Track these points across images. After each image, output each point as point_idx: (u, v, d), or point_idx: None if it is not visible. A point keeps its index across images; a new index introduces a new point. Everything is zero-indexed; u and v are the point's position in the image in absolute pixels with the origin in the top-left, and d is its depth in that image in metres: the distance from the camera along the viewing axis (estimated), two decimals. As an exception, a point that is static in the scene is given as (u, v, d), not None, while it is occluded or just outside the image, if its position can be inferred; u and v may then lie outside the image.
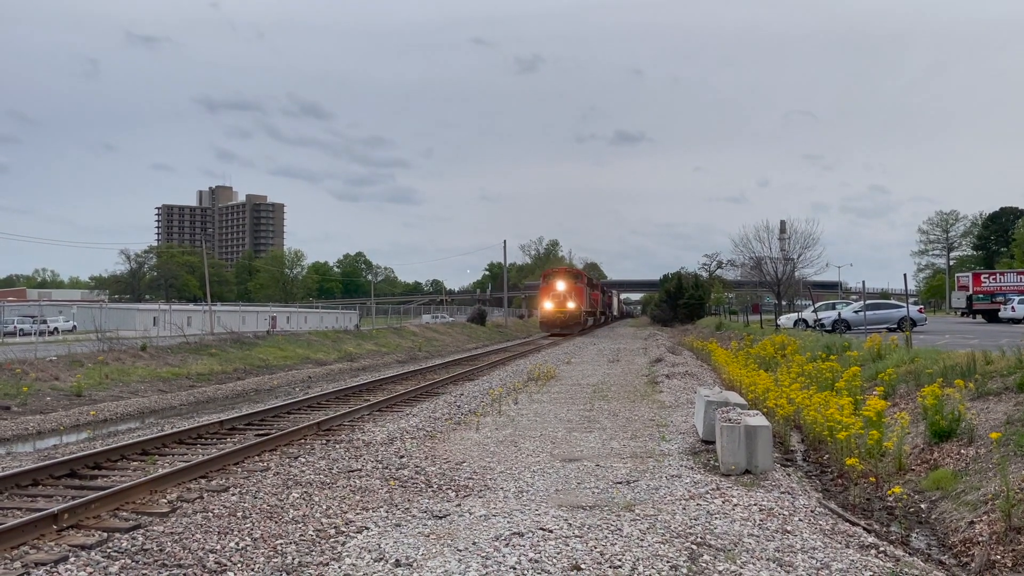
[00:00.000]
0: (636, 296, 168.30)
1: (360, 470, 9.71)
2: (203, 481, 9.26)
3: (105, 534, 6.96)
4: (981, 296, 46.35)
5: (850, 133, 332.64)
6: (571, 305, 55.70)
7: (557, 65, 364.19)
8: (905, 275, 22.47)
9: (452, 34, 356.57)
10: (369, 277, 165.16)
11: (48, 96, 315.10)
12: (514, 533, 6.76)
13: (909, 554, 6.66)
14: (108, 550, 6.49)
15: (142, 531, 7.06)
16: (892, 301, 43.54)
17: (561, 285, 56.42)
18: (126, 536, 6.88)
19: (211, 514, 7.60)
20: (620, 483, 8.83)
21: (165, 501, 8.27)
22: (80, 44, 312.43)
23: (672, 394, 17.40)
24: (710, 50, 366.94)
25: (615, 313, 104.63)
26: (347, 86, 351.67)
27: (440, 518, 7.41)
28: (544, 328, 58.54)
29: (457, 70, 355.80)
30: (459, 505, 7.91)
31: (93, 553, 6.40)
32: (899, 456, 9.58)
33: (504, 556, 6.17)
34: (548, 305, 56.73)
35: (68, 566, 6.09)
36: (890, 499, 8.34)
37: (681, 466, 9.68)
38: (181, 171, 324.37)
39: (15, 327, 51.33)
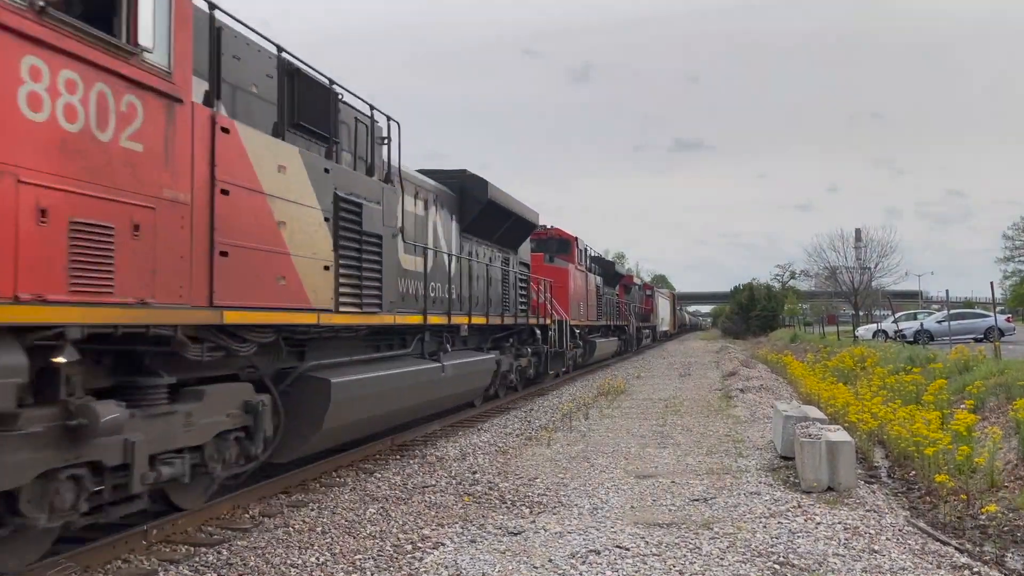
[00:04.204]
0: (705, 308, 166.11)
1: (434, 486, 9.78)
2: (284, 496, 9.46)
3: (192, 548, 7.17)
4: (1074, 303, 44.08)
5: (923, 135, 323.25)
6: None
7: (610, 73, 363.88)
8: (992, 283, 21.66)
9: (503, 48, 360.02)
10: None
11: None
12: (590, 551, 6.71)
13: (1004, 575, 6.37)
14: (195, 564, 6.69)
15: (227, 546, 7.24)
16: (977, 310, 41.91)
17: None
18: (212, 551, 7.07)
19: (292, 529, 7.76)
20: (697, 500, 8.67)
21: (248, 516, 8.47)
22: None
23: (747, 408, 17.05)
24: (768, 54, 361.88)
25: (666, 327, 68.48)
26: (401, 102, 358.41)
27: (515, 535, 7.40)
28: None
29: (510, 83, 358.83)
30: (533, 521, 7.89)
31: (182, 567, 6.60)
32: (991, 472, 9.18)
33: (581, 574, 6.14)
34: None
35: (158, 579, 6.30)
36: (983, 517, 7.98)
37: (760, 483, 9.46)
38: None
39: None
